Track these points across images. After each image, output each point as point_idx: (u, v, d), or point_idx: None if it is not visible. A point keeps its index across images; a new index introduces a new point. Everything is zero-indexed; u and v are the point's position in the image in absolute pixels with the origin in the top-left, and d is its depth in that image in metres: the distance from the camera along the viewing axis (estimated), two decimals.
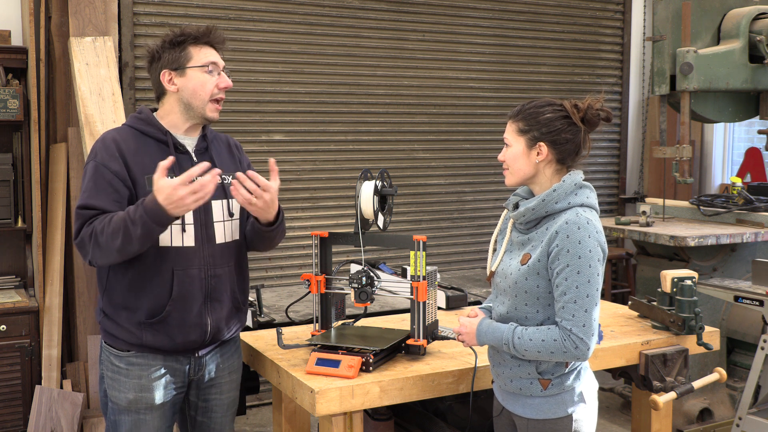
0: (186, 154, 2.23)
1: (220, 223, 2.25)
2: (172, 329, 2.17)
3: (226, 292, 2.27)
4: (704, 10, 4.40)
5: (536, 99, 2.11)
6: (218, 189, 2.22)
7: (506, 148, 2.12)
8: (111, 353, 2.23)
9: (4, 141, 4.07)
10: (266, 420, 4.43)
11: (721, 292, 3.59)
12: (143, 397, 2.20)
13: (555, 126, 2.03)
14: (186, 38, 2.20)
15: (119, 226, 2.01)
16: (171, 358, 2.22)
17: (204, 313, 2.21)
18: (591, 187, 2.09)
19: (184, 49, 2.19)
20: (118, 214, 2.04)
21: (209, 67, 2.20)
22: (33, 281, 4.06)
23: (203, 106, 2.21)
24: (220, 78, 2.23)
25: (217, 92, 2.22)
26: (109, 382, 2.23)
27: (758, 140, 5.95)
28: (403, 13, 5.11)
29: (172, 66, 2.19)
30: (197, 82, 2.19)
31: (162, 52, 2.21)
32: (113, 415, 2.23)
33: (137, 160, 2.14)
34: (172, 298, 2.15)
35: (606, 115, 2.06)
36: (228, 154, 2.35)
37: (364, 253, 2.46)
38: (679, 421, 4.09)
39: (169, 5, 4.48)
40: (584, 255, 1.95)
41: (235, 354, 2.41)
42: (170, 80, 2.20)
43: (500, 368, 2.12)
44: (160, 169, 1.97)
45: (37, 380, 3.81)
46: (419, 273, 2.32)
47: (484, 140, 5.45)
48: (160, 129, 2.21)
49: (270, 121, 4.79)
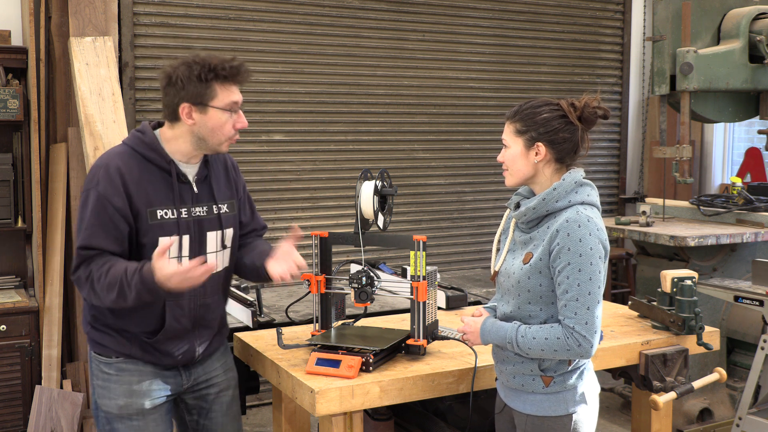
0: (187, 184, 2.20)
1: (213, 254, 2.25)
2: (161, 354, 2.20)
3: (215, 318, 2.31)
4: (704, 10, 4.39)
5: (533, 99, 2.11)
6: (213, 220, 2.24)
7: (505, 149, 2.12)
8: (100, 361, 2.22)
9: (4, 141, 4.07)
10: (266, 420, 4.43)
11: (721, 292, 3.59)
12: (134, 402, 2.19)
13: (552, 125, 2.03)
14: (214, 75, 2.10)
15: (115, 283, 2.02)
16: (160, 367, 2.24)
17: (193, 339, 2.25)
18: (592, 185, 2.09)
19: (210, 87, 2.10)
20: (116, 267, 2.03)
21: (231, 107, 2.14)
22: (33, 281, 4.06)
23: (218, 144, 2.17)
24: (238, 117, 2.16)
25: (233, 133, 2.17)
26: (99, 391, 2.22)
27: (758, 140, 5.95)
28: (403, 13, 5.11)
29: (194, 100, 2.10)
30: (216, 123, 2.13)
31: (186, 83, 2.09)
32: (108, 425, 2.22)
33: (140, 190, 2.11)
34: (163, 329, 2.17)
35: (603, 113, 2.06)
36: (225, 179, 2.33)
37: (364, 253, 2.46)
38: (679, 421, 4.09)
39: (169, 5, 4.48)
40: (585, 253, 1.95)
41: (226, 353, 2.43)
42: (189, 114, 2.12)
43: (503, 365, 2.12)
44: (160, 250, 1.97)
45: (37, 380, 3.81)
46: (419, 273, 2.32)
47: (484, 140, 5.44)
48: (165, 157, 2.15)
49: (270, 121, 4.79)
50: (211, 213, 2.23)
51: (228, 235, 2.28)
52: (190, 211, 2.18)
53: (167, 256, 2.00)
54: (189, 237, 2.16)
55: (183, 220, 2.15)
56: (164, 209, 2.13)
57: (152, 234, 2.11)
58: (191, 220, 2.18)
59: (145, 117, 4.38)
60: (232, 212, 2.31)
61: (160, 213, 2.12)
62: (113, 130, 3.68)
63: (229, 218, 2.29)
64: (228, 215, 2.29)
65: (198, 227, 2.19)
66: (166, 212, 2.13)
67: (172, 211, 2.14)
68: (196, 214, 2.19)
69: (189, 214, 2.17)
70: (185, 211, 2.16)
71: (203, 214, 2.21)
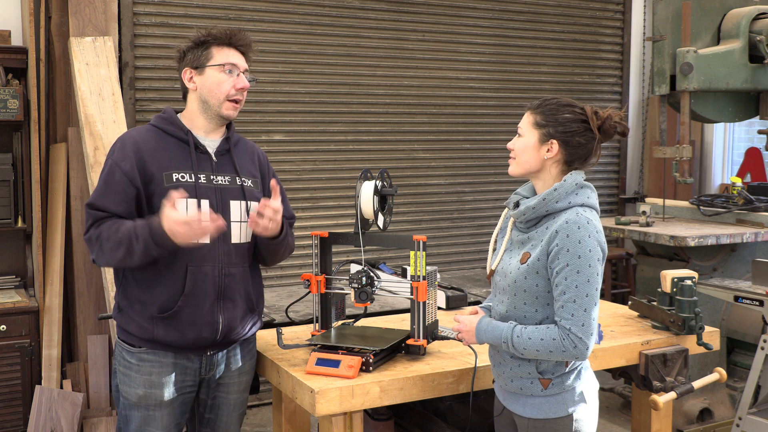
0: (206, 154, 2.26)
1: (237, 223, 2.27)
2: (184, 325, 2.20)
3: (240, 292, 2.29)
4: (704, 10, 4.40)
5: (559, 97, 2.10)
6: (236, 190, 2.28)
7: (518, 137, 2.11)
8: (123, 348, 2.26)
9: (4, 141, 4.07)
10: (266, 420, 4.44)
11: (721, 292, 3.59)
12: (153, 393, 2.22)
13: (571, 128, 2.03)
14: (210, 39, 2.26)
15: (124, 238, 2.08)
16: (182, 356, 2.24)
17: (216, 311, 2.23)
18: (592, 188, 2.09)
19: (207, 49, 2.26)
20: (125, 225, 2.10)
21: (227, 67, 2.25)
22: (33, 281, 4.06)
23: (219, 105, 2.25)
24: (238, 79, 2.27)
25: (234, 93, 2.27)
26: (120, 377, 2.26)
27: (758, 140, 5.95)
28: (403, 13, 5.11)
29: (193, 64, 2.27)
30: (214, 81, 2.24)
31: (187, 51, 2.29)
32: (124, 410, 2.26)
33: (156, 157, 2.19)
34: (184, 294, 2.18)
35: (623, 129, 2.07)
36: (250, 161, 2.38)
37: (364, 253, 2.46)
38: (679, 421, 4.09)
39: (169, 5, 4.48)
40: (584, 254, 1.95)
41: (248, 356, 2.41)
42: (190, 78, 2.27)
43: (501, 368, 2.12)
44: (170, 199, 2.04)
45: (37, 380, 3.81)
46: (419, 273, 2.32)
47: (484, 140, 5.45)
48: (182, 128, 2.26)
49: (270, 121, 4.79)
50: (234, 183, 2.28)
51: (253, 207, 2.28)
52: (210, 178, 2.23)
53: (177, 205, 2.06)
54: (209, 202, 2.20)
55: (202, 185, 2.21)
56: (181, 173, 2.19)
57: (168, 196, 2.14)
58: (212, 186, 2.23)
59: (145, 117, 4.39)
60: (257, 189, 2.35)
61: (176, 176, 2.19)
62: (113, 130, 3.68)
63: (253, 192, 2.32)
64: (252, 189, 2.32)
65: (220, 194, 2.24)
66: (183, 176, 2.19)
67: (190, 176, 2.20)
68: (217, 182, 2.24)
69: (209, 181, 2.23)
70: (204, 177, 2.22)
71: (225, 183, 2.26)
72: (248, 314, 2.33)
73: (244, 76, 2.29)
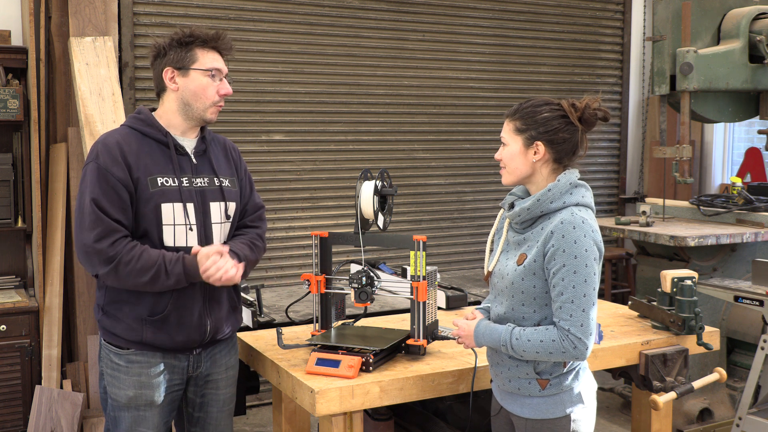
0: (185, 156, 2.26)
1: (217, 224, 2.28)
2: (173, 328, 2.20)
3: (224, 293, 2.32)
4: (704, 10, 4.39)
5: (533, 98, 2.11)
6: (215, 191, 2.28)
7: (503, 147, 2.12)
8: (110, 351, 2.24)
9: (4, 141, 4.07)
10: (266, 420, 4.43)
11: (721, 292, 3.59)
12: (143, 394, 2.22)
13: (552, 125, 2.03)
14: (194, 40, 2.22)
15: (150, 267, 2.08)
16: (170, 356, 2.25)
17: (204, 313, 2.25)
18: (587, 186, 2.08)
19: (191, 50, 2.22)
20: (149, 252, 2.10)
21: (212, 72, 2.23)
22: (33, 281, 4.06)
23: (204, 109, 2.24)
24: (221, 84, 2.26)
25: (217, 99, 2.26)
26: (108, 380, 2.25)
27: (758, 140, 5.95)
28: (403, 13, 5.10)
29: (176, 64, 2.22)
30: (198, 85, 2.22)
31: (168, 49, 2.23)
32: (113, 411, 2.25)
33: (139, 161, 2.17)
34: (173, 298, 2.18)
35: (603, 115, 2.06)
36: (224, 159, 2.38)
37: (364, 253, 2.47)
38: (679, 421, 4.09)
39: (169, 5, 4.48)
40: (580, 254, 1.95)
41: (232, 351, 2.43)
42: (172, 78, 2.22)
43: (498, 368, 2.12)
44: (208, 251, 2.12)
45: (37, 380, 3.81)
46: (419, 273, 2.32)
47: (484, 140, 5.44)
48: (160, 130, 2.23)
49: (270, 121, 4.78)
50: (213, 185, 2.28)
51: (231, 207, 2.31)
52: (191, 180, 2.23)
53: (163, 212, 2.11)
54: (193, 205, 2.21)
55: (185, 188, 2.20)
56: (164, 177, 2.18)
57: (154, 201, 2.15)
58: (193, 189, 2.22)
59: None
60: (234, 188, 2.35)
61: (161, 180, 2.17)
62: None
63: (231, 192, 2.33)
64: (230, 189, 2.33)
65: (201, 197, 2.24)
66: (167, 180, 2.18)
67: (173, 180, 2.19)
68: (197, 184, 2.24)
69: (190, 183, 2.22)
70: (186, 180, 2.22)
71: (205, 185, 2.26)
72: (231, 313, 2.37)
73: (226, 80, 2.28)
